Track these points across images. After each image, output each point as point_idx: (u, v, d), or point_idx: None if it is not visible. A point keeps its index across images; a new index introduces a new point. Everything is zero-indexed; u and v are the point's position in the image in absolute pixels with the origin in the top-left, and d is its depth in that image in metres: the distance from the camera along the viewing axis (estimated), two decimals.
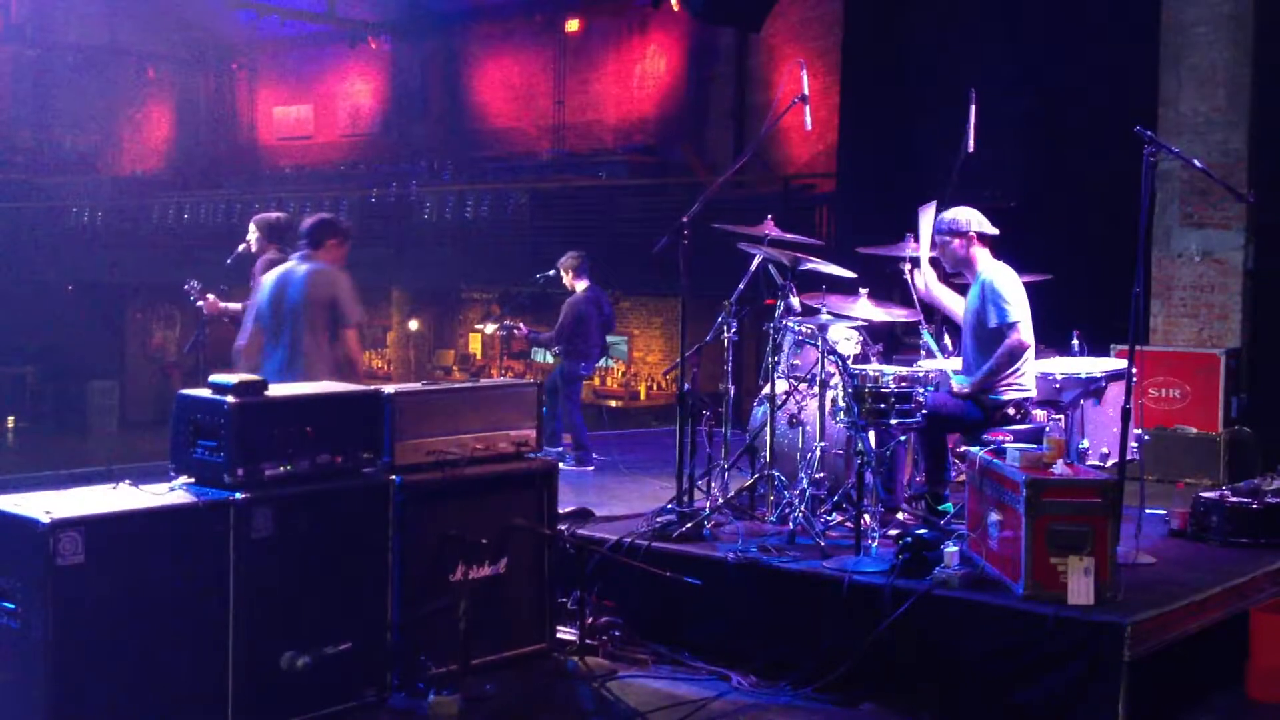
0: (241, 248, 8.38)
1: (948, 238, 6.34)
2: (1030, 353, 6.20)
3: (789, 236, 7.05)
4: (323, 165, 23.43)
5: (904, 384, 5.98)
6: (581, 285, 9.59)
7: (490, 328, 19.56)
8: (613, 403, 18.02)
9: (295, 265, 6.90)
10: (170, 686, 4.52)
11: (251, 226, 8.22)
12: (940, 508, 6.24)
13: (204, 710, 4.62)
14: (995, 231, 6.33)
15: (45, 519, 4.22)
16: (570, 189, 16.52)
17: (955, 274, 6.57)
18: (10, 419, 20.13)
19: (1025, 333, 6.12)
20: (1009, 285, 6.18)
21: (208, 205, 20.26)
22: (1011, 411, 6.12)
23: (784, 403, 6.73)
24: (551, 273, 9.90)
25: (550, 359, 17.94)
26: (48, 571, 4.20)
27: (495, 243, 16.87)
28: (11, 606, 4.32)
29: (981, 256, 6.31)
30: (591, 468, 9.19)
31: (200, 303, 8.12)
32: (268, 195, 19.78)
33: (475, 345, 20.98)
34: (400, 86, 23.01)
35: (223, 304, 8.17)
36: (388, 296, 21.12)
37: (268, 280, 6.96)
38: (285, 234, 8.04)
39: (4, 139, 25.50)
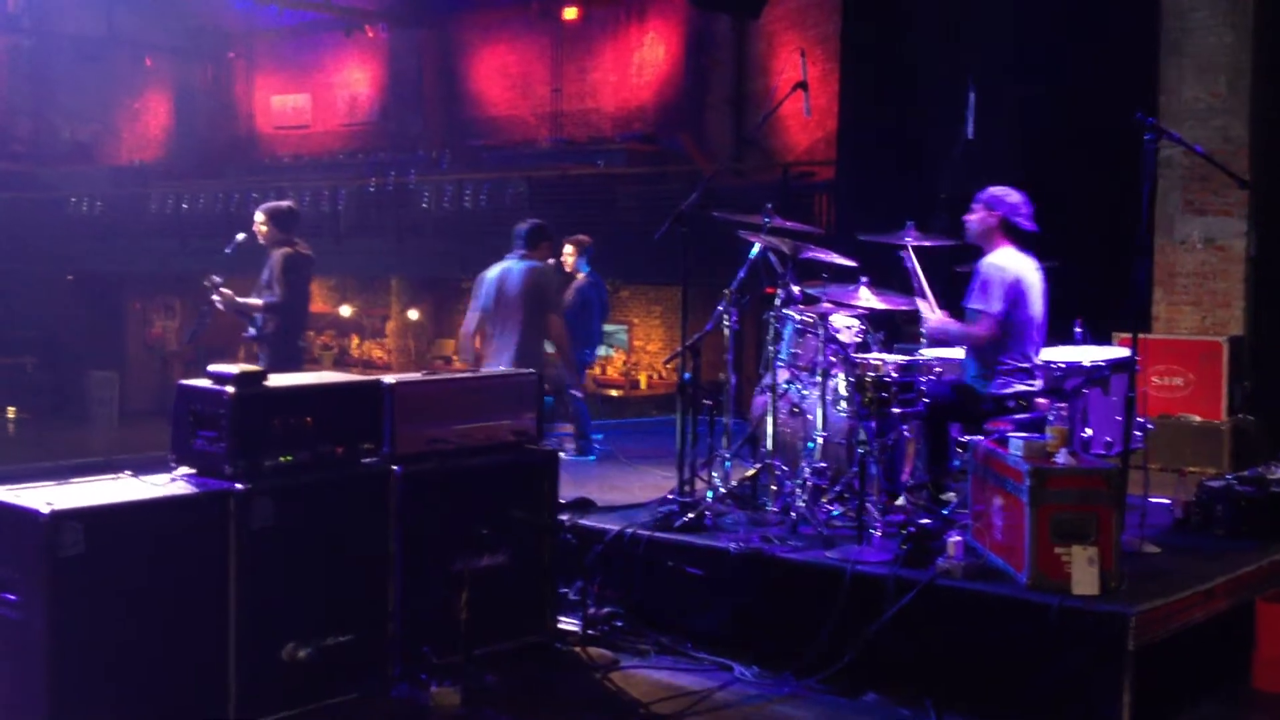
0: (241, 236, 8.36)
1: (977, 205, 6.24)
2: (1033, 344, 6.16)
3: (789, 224, 7.02)
4: (321, 154, 23.38)
5: (905, 373, 5.96)
6: (584, 271, 9.69)
7: None
8: (613, 392, 18.00)
9: (513, 263, 8.21)
10: (172, 677, 4.51)
11: (261, 216, 8.25)
12: (943, 497, 6.21)
13: (206, 701, 4.61)
14: (1028, 228, 6.22)
15: (46, 510, 4.20)
16: (569, 177, 16.47)
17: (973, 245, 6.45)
18: (10, 409, 20.09)
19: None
20: (1003, 278, 6.10)
21: (206, 195, 20.23)
22: (1013, 402, 6.09)
23: (785, 392, 6.71)
24: (553, 261, 9.87)
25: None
26: (48, 562, 4.18)
27: (494, 231, 16.81)
28: (12, 597, 4.30)
29: (998, 242, 6.21)
30: (593, 457, 9.19)
31: (216, 297, 8.13)
32: (266, 184, 19.73)
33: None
34: (397, 75, 22.96)
35: (240, 299, 8.22)
36: (387, 286, 21.10)
37: (490, 275, 8.23)
38: (295, 223, 8.28)
39: (2, 129, 25.44)
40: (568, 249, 9.76)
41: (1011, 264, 6.13)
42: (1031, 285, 6.17)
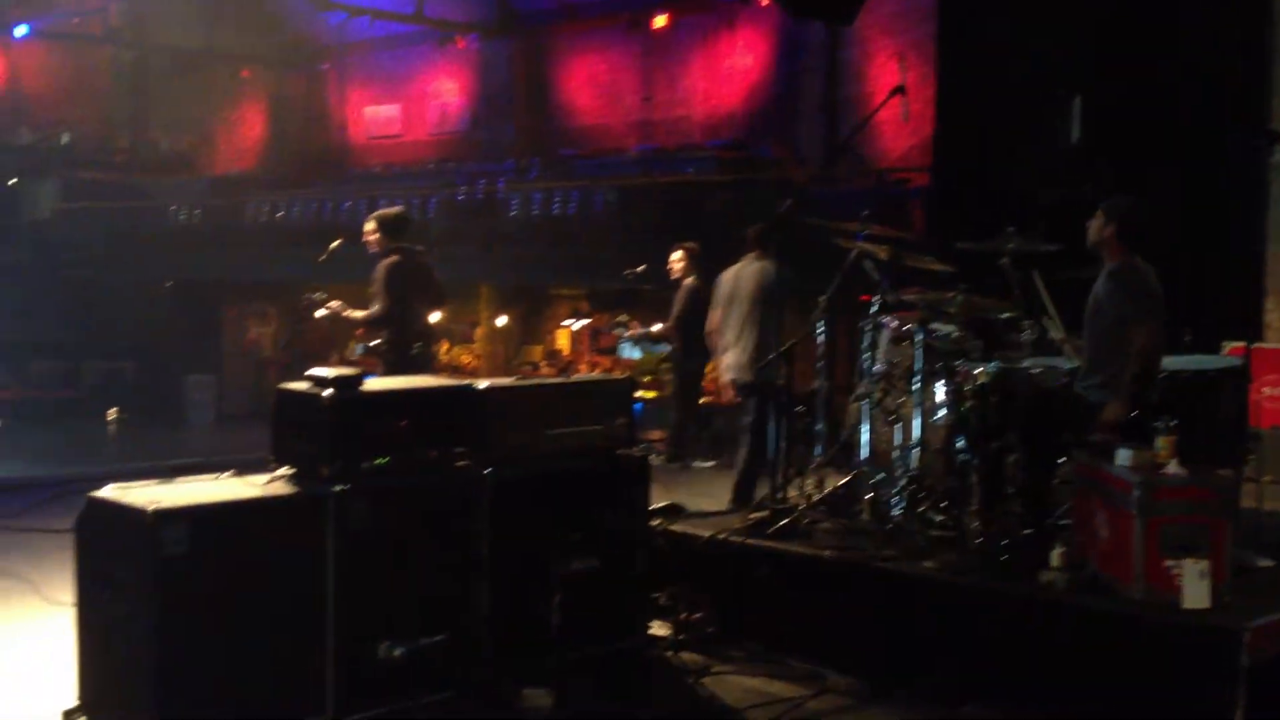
0: (336, 244, 8.46)
1: (1099, 212, 6.04)
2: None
3: (886, 231, 6.93)
4: (411, 163, 23.59)
5: (1005, 380, 5.84)
6: (692, 278, 9.73)
7: (578, 324, 19.58)
8: (701, 399, 17.90)
9: (746, 264, 8.27)
10: (271, 673, 4.56)
11: (370, 224, 8.35)
12: (1045, 507, 6.07)
13: (304, 697, 4.65)
14: (1140, 236, 6.01)
15: (151, 509, 4.27)
16: (658, 185, 16.43)
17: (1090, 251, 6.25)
18: (112, 412, 20.51)
19: (1154, 336, 5.80)
20: (1146, 287, 5.88)
21: (300, 204, 20.49)
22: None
23: (880, 399, 6.62)
24: (642, 268, 9.92)
25: (638, 353, 17.89)
26: (153, 560, 4.25)
27: (582, 240, 16.84)
28: (119, 593, 4.38)
29: (1119, 250, 6.01)
30: (684, 464, 9.20)
31: (321, 312, 8.27)
32: (358, 194, 19.96)
33: (563, 341, 21.02)
34: (487, 85, 23.12)
35: (345, 313, 8.35)
36: (476, 293, 21.23)
37: (727, 277, 8.36)
38: (405, 229, 8.40)
39: (103, 140, 26.05)
40: (676, 255, 9.85)
41: (1147, 272, 5.92)
42: (1159, 293, 5.97)
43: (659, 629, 5.96)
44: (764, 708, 5.15)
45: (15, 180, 24.78)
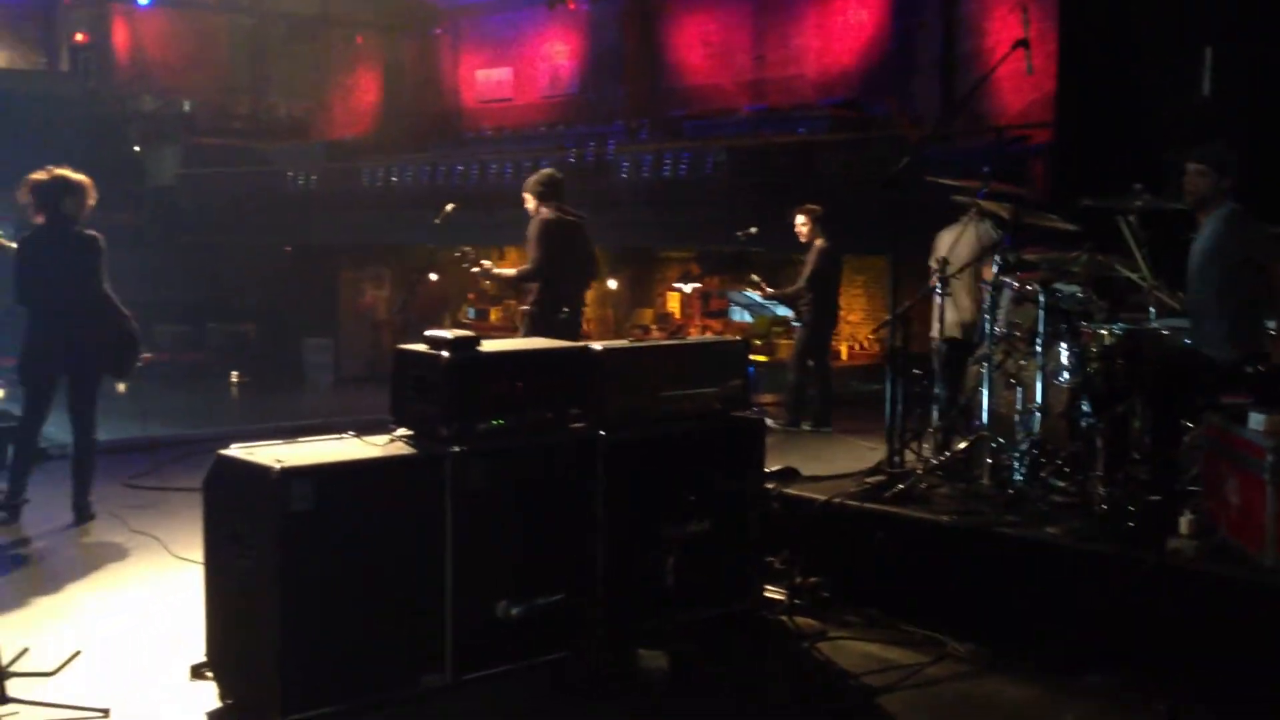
0: (450, 207, 8.53)
1: (1201, 166, 5.85)
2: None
3: (1008, 189, 6.76)
4: (522, 127, 23.71)
5: (1132, 341, 5.68)
6: (820, 239, 9.59)
7: (689, 287, 19.53)
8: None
9: (965, 226, 7.98)
10: (392, 630, 4.63)
11: (531, 182, 8.34)
12: (1173, 472, 5.90)
13: (424, 654, 4.72)
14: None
15: (277, 467, 4.35)
16: (770, 146, 16.29)
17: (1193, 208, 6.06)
18: (234, 374, 21.05)
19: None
20: (1258, 223, 5.69)
21: (414, 168, 20.73)
22: (1252, 370, 5.72)
23: (1001, 362, 6.48)
24: (754, 230, 9.81)
25: (749, 317, 17.80)
26: (279, 517, 4.33)
27: (693, 202, 16.77)
28: (246, 549, 4.48)
29: (1226, 202, 5.82)
30: (830, 430, 9.12)
31: (476, 269, 8.37)
32: (470, 157, 20.12)
33: (673, 304, 21.01)
34: (598, 47, 23.10)
35: (496, 270, 8.44)
36: None
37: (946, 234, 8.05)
38: (555, 190, 8.33)
39: (223, 107, 26.58)
40: (801, 218, 9.65)
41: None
42: None
43: (773, 593, 5.92)
44: (882, 673, 5.09)
45: (139, 147, 25.42)
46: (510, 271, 8.40)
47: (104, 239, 7.55)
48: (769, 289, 9.95)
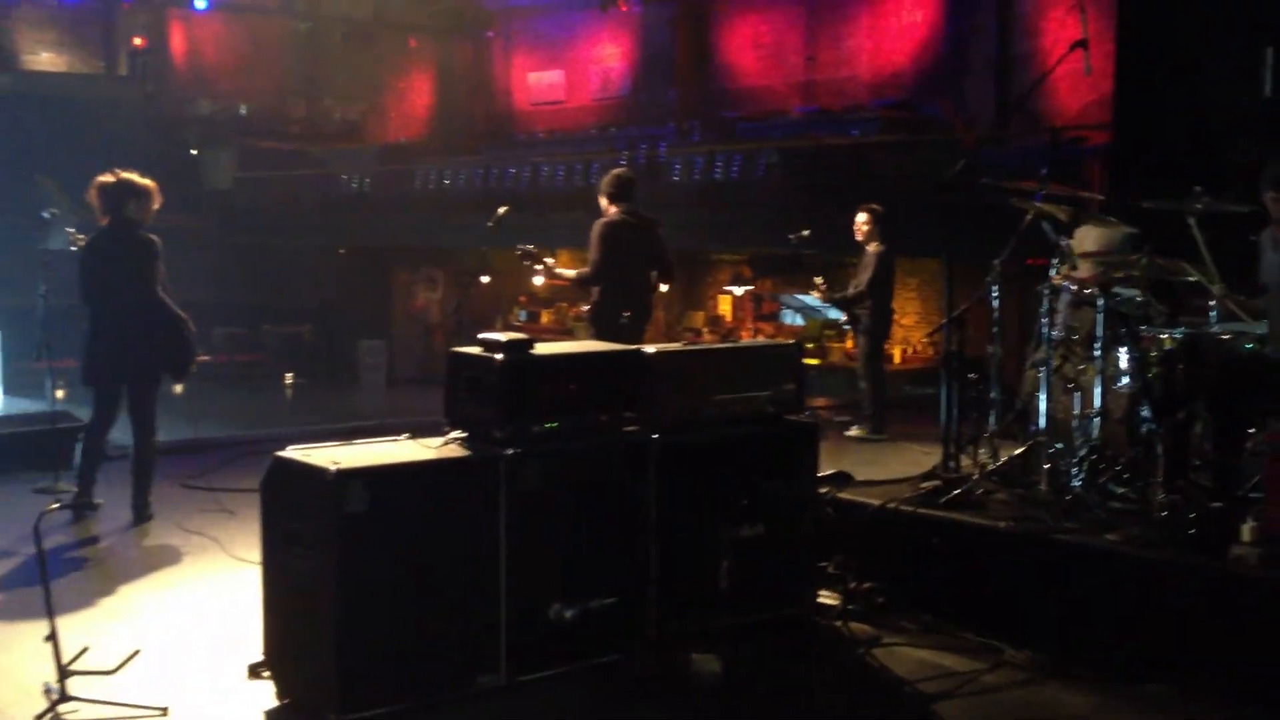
0: (504, 209, 8.55)
1: (1275, 194, 5.79)
2: None
3: (1066, 191, 6.68)
4: (574, 129, 23.75)
5: (1193, 346, 5.60)
6: (875, 242, 9.36)
7: (740, 289, 19.45)
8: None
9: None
10: (446, 631, 4.66)
11: (602, 183, 8.27)
12: (1235, 479, 5.80)
13: (477, 656, 4.75)
14: None
15: (332, 469, 4.39)
16: (822, 147, 16.20)
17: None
18: (288, 375, 21.23)
19: None
20: None
21: (466, 171, 20.82)
22: None
23: (1059, 366, 6.41)
24: (807, 233, 9.72)
25: (801, 320, 17.70)
26: (335, 518, 4.38)
27: (744, 204, 16.72)
28: (303, 550, 4.52)
29: None
30: (884, 437, 8.99)
31: (538, 267, 8.32)
32: (522, 160, 20.18)
33: (725, 307, 20.95)
34: (649, 49, 23.10)
35: (558, 270, 8.36)
36: None
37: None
38: (625, 191, 8.20)
39: (279, 110, 26.83)
40: (862, 216, 9.38)
41: None
42: None
43: (827, 598, 5.90)
44: (937, 680, 5.06)
45: (196, 151, 25.70)
46: (570, 272, 8.34)
47: (160, 242, 7.63)
48: (831, 293, 9.74)
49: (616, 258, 8.01)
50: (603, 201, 8.19)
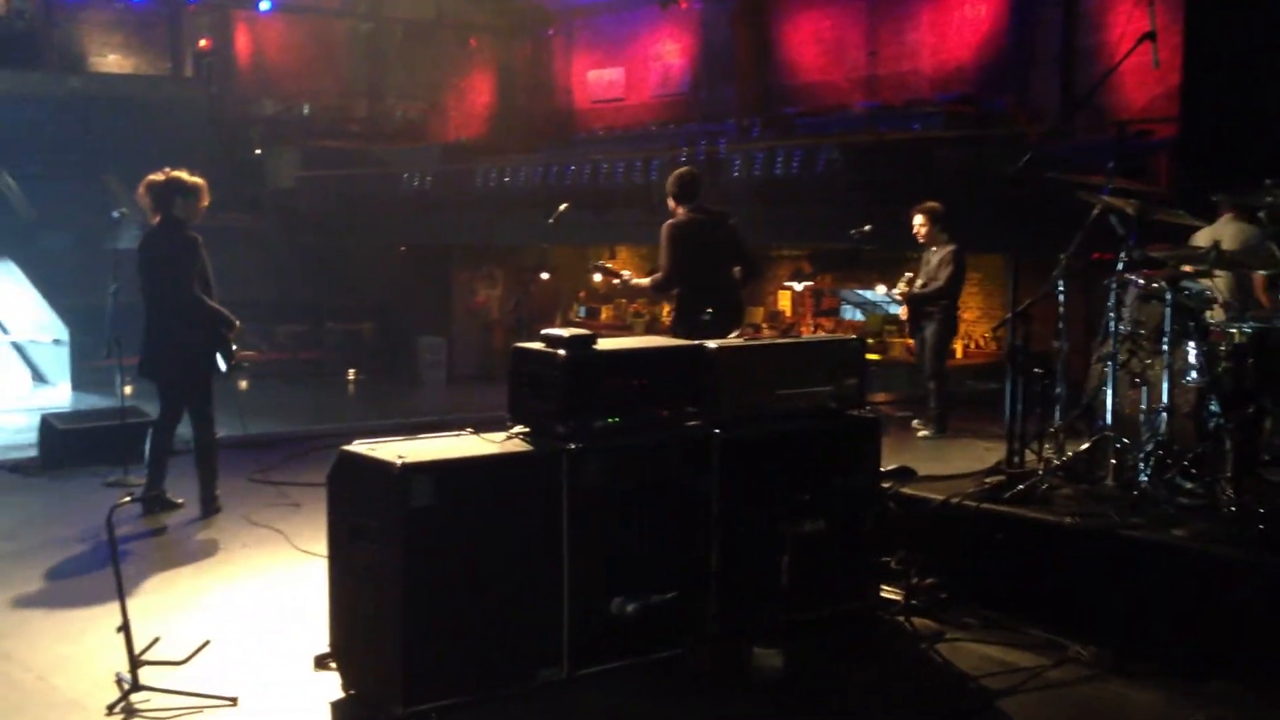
0: (564, 207, 8.58)
1: None
2: None
3: (1133, 185, 6.60)
4: (633, 126, 23.78)
5: (1263, 340, 5.52)
6: (946, 237, 9.13)
7: (800, 285, 19.38)
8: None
9: (1222, 225, 7.24)
10: (509, 623, 4.69)
11: (667, 183, 8.11)
12: None
13: (540, 650, 4.77)
14: None
15: (399, 463, 4.43)
16: (883, 143, 16.10)
17: None
18: (350, 371, 21.45)
19: None
20: None
21: (526, 169, 20.90)
22: None
23: (1126, 361, 6.34)
24: (868, 228, 9.63)
25: (861, 315, 17.61)
26: (401, 511, 4.41)
27: (805, 199, 16.65)
28: (369, 543, 4.57)
29: None
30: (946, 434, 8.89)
31: (615, 281, 8.29)
32: (581, 158, 20.23)
33: (784, 302, 20.90)
34: (709, 45, 23.07)
35: (633, 280, 8.32)
36: None
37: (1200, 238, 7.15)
38: (690, 189, 8.05)
39: (341, 110, 27.09)
40: (919, 218, 9.13)
41: None
42: None
43: (890, 593, 5.87)
44: (1002, 676, 5.03)
45: (260, 150, 26.02)
46: (644, 281, 8.23)
47: (201, 240, 7.65)
48: (913, 289, 9.42)
49: (688, 257, 7.89)
50: (669, 203, 8.08)
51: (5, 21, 27.30)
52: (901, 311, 9.57)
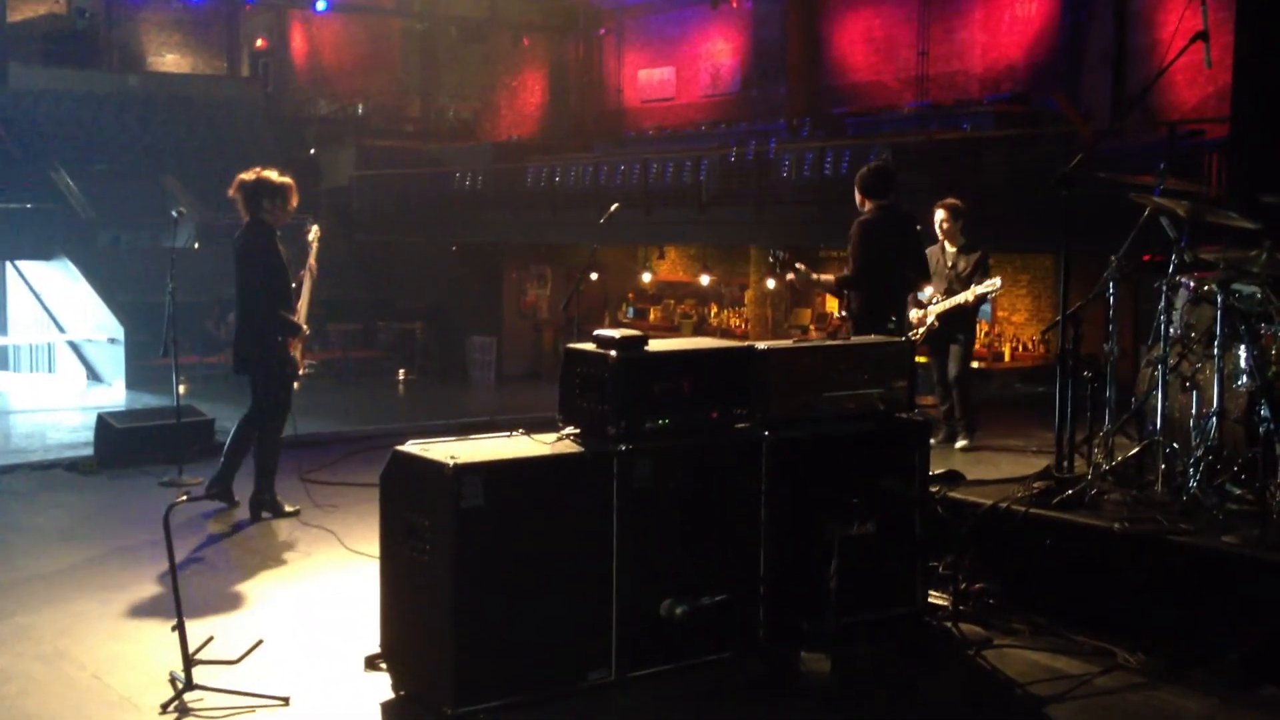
0: (615, 207, 8.58)
1: None
2: None
3: (1185, 185, 6.54)
4: (684, 126, 23.80)
5: None
6: (960, 242, 8.95)
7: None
8: (975, 364, 17.37)
9: None
10: (559, 623, 4.73)
11: (857, 177, 7.88)
12: None
13: (589, 651, 4.81)
14: None
15: (450, 464, 4.48)
16: (933, 142, 16.03)
17: None
18: (401, 371, 21.62)
19: None
20: None
21: (577, 168, 20.97)
22: None
23: (1176, 365, 6.29)
24: (918, 228, 9.54)
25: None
26: (453, 512, 4.46)
27: (854, 200, 16.61)
28: (421, 543, 4.62)
29: None
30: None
31: (790, 275, 8.14)
32: (631, 157, 20.28)
33: (832, 304, 20.83)
34: (760, 44, 23.06)
35: (814, 275, 8.09)
36: (746, 255, 21.28)
37: None
38: (882, 185, 7.78)
39: (395, 109, 27.30)
40: (943, 214, 8.86)
41: None
42: None
43: (938, 598, 5.87)
44: (1050, 683, 5.01)
45: (315, 149, 26.27)
46: (829, 277, 8.04)
47: (260, 240, 7.67)
48: (943, 302, 9.13)
49: (875, 258, 7.58)
50: (858, 197, 7.80)
51: (65, 20, 27.77)
52: (925, 330, 8.89)
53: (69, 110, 24.65)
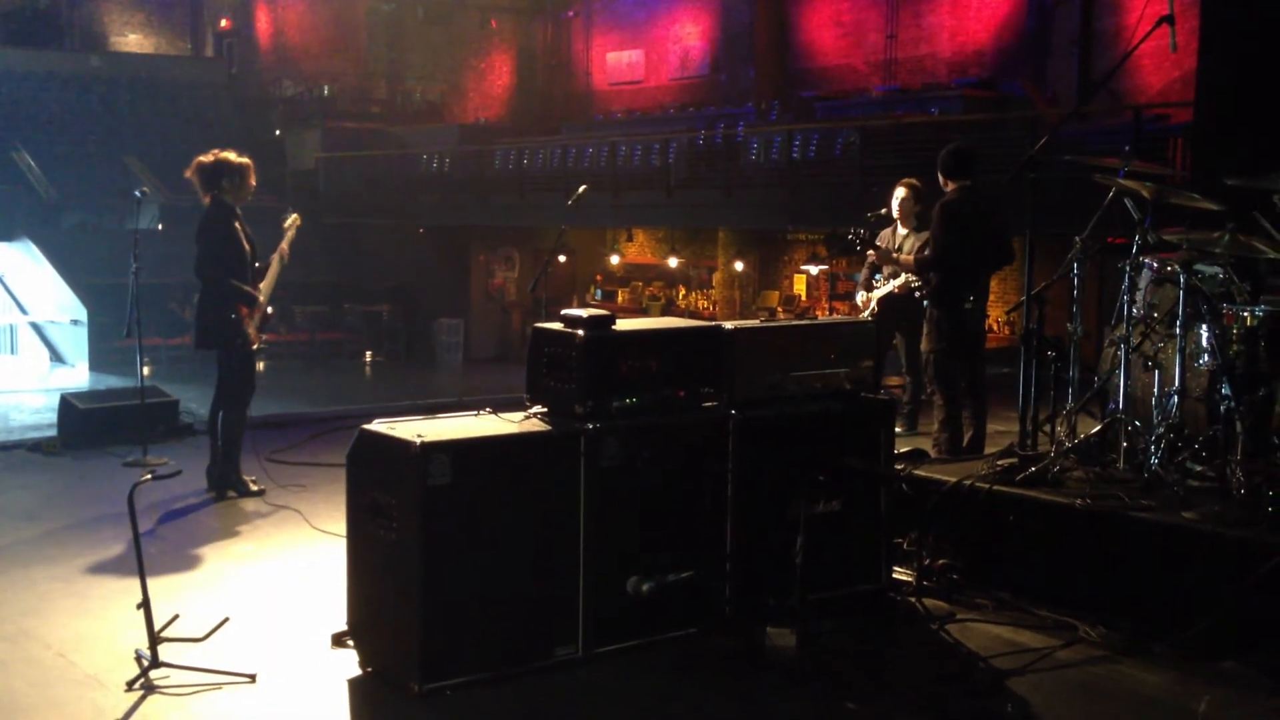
0: (583, 189, 8.55)
1: None
2: None
3: (1149, 168, 6.61)
4: (653, 109, 23.81)
5: (1274, 323, 5.53)
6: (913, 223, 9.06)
7: (816, 269, 19.36)
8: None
9: None
10: (527, 602, 4.75)
11: (939, 158, 7.73)
12: None
13: (556, 625, 4.83)
14: None
15: (418, 441, 4.49)
16: (901, 126, 16.12)
17: None
18: (368, 353, 21.55)
19: None
20: None
21: (545, 150, 20.94)
22: None
23: (1139, 344, 6.36)
24: (884, 211, 9.62)
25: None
26: (419, 490, 4.46)
27: (823, 183, 16.68)
28: (387, 521, 4.63)
29: None
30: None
31: (871, 254, 8.05)
32: (600, 140, 20.28)
33: (800, 286, 20.93)
34: (729, 28, 23.08)
35: (895, 254, 8.11)
36: (714, 237, 21.33)
37: None
38: (963, 166, 7.64)
39: (361, 91, 27.15)
40: (903, 192, 8.95)
41: None
42: None
43: (902, 574, 5.92)
44: (1012, 656, 5.07)
45: (280, 131, 26.09)
46: (909, 256, 8.06)
47: (219, 216, 7.67)
48: (897, 284, 9.18)
49: (957, 240, 7.48)
50: (940, 178, 7.71)
51: (27, 0, 27.40)
52: (871, 312, 8.89)
53: (30, 91, 24.39)
